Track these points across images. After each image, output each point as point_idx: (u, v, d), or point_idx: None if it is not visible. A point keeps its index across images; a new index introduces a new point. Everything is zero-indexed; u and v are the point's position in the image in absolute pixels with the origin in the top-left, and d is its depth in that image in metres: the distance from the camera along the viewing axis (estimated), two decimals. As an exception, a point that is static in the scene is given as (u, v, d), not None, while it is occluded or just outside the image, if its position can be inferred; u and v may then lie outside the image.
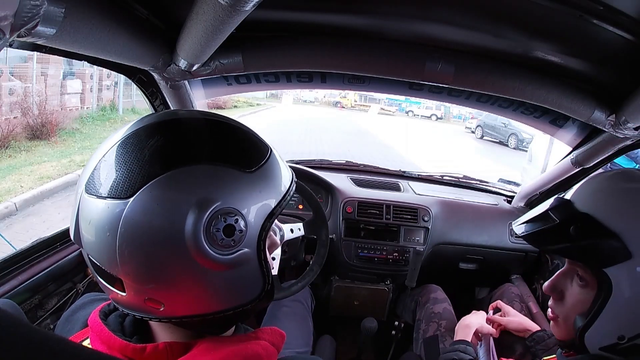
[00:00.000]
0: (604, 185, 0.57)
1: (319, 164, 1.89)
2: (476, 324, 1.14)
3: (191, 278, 0.40)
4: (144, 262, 0.39)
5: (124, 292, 0.41)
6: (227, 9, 0.54)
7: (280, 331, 0.48)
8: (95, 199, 0.40)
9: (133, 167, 0.39)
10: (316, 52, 0.95)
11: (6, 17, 0.38)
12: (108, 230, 0.39)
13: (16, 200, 3.97)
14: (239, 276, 0.43)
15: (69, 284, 0.97)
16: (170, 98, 1.06)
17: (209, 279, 0.41)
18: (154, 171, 0.39)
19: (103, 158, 0.41)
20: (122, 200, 0.38)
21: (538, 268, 1.60)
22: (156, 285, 0.40)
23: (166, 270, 0.40)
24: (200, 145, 0.42)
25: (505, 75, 0.94)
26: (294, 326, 1.20)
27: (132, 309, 0.42)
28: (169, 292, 0.40)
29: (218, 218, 0.40)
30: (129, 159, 0.40)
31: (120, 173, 0.39)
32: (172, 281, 0.40)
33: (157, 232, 0.38)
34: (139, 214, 0.38)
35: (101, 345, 0.42)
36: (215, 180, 0.41)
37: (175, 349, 0.41)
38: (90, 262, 0.42)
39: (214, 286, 0.41)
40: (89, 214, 0.40)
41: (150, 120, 0.44)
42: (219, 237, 0.40)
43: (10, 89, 6.25)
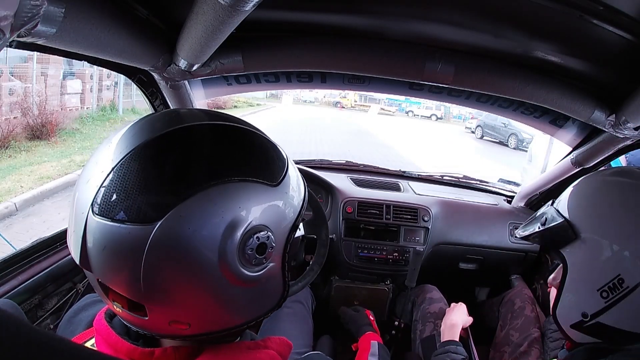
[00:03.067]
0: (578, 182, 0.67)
1: (319, 164, 1.89)
2: (461, 321, 1.16)
3: (220, 297, 0.39)
4: (174, 287, 0.37)
5: (146, 316, 0.38)
6: (227, 9, 0.54)
7: (287, 341, 0.48)
8: (110, 222, 0.35)
9: (155, 188, 0.36)
10: (316, 52, 0.95)
11: (6, 17, 0.38)
12: (130, 257, 0.35)
13: (16, 200, 3.97)
14: (265, 289, 0.43)
15: (69, 284, 0.97)
16: (170, 98, 1.06)
17: (237, 295, 0.40)
18: (181, 192, 0.36)
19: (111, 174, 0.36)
20: (146, 226, 0.35)
21: (538, 268, 1.60)
22: (184, 308, 0.38)
23: (196, 292, 0.38)
24: (226, 160, 0.39)
25: (505, 75, 0.94)
26: (295, 327, 1.20)
27: (153, 331, 0.41)
28: (196, 312, 0.39)
29: (251, 237, 0.38)
30: (148, 177, 0.36)
31: (140, 195, 0.36)
32: (201, 301, 0.38)
33: (189, 257, 0.36)
34: (168, 239, 0.35)
35: (108, 348, 0.42)
36: (246, 197, 0.38)
37: (182, 354, 0.41)
38: (103, 287, 0.39)
39: (242, 301, 0.41)
40: (102, 239, 0.36)
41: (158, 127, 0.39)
42: (252, 257, 0.39)
43: (10, 89, 6.25)
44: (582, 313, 0.58)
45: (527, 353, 1.13)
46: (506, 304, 1.35)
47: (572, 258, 0.60)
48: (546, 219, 0.64)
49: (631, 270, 0.53)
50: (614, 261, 0.55)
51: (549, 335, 1.12)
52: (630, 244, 0.54)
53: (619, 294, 0.54)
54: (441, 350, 1.06)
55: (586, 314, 0.57)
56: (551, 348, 1.09)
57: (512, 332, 1.23)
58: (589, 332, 0.58)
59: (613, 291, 0.54)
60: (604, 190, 0.62)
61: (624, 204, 0.57)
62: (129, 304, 0.38)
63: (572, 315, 0.60)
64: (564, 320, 0.62)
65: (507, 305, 1.35)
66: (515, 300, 1.33)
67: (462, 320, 1.17)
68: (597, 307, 0.56)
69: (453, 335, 1.12)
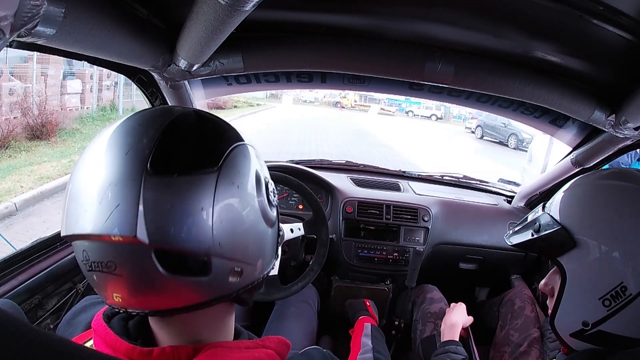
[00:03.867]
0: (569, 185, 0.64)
1: (319, 164, 1.89)
2: (461, 321, 1.16)
3: (260, 236, 0.45)
4: (237, 228, 0.41)
5: (209, 273, 0.39)
6: (227, 9, 0.54)
7: (286, 341, 0.49)
8: (176, 177, 0.38)
9: (211, 141, 0.42)
10: (316, 52, 0.95)
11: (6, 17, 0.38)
12: (202, 202, 0.38)
13: (16, 200, 3.97)
14: (274, 233, 0.48)
15: (68, 284, 0.97)
16: (170, 98, 1.06)
17: (266, 235, 0.46)
18: (225, 146, 0.42)
19: (160, 139, 0.39)
20: (212, 173, 0.39)
21: (538, 268, 1.60)
22: (242, 250, 0.42)
23: (250, 231, 0.43)
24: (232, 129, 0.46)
25: (505, 75, 0.94)
26: (300, 327, 1.20)
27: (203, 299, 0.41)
28: (248, 255, 0.43)
29: (268, 183, 0.47)
30: (202, 135, 0.43)
31: (201, 147, 0.41)
32: (252, 241, 0.43)
33: (244, 193, 0.42)
34: (229, 179, 0.41)
35: (106, 348, 0.42)
36: (254, 155, 0.46)
37: (181, 353, 0.41)
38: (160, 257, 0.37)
39: (268, 242, 0.46)
40: (169, 195, 0.37)
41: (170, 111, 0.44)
42: (272, 197, 0.47)
43: (10, 89, 6.26)
44: (583, 322, 0.56)
45: (527, 353, 1.13)
46: (506, 304, 1.35)
47: (571, 267, 0.57)
48: (540, 226, 0.61)
49: (634, 278, 0.52)
50: (615, 269, 0.53)
51: (547, 336, 1.12)
52: (633, 250, 0.52)
53: (622, 302, 0.52)
54: (441, 350, 1.06)
55: (587, 323, 0.55)
56: (550, 348, 1.08)
57: (512, 332, 1.23)
58: (589, 340, 0.56)
59: (615, 299, 0.52)
60: (601, 194, 0.59)
61: (623, 208, 0.55)
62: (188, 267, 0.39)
63: (571, 325, 0.58)
64: (563, 329, 0.60)
65: (507, 305, 1.35)
66: (515, 300, 1.33)
67: (462, 320, 1.17)
68: (599, 316, 0.54)
69: (453, 335, 1.12)
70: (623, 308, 0.52)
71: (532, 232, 0.63)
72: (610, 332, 0.54)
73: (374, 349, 0.99)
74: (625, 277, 0.52)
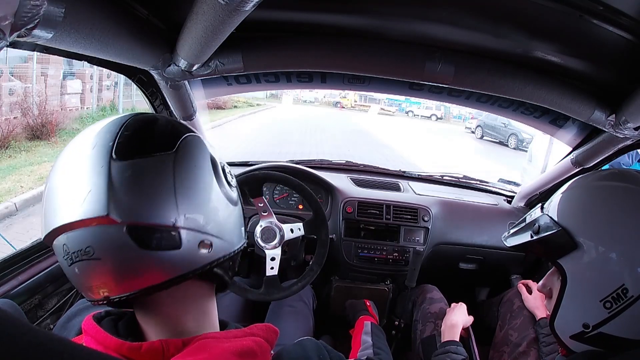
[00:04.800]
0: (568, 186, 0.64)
1: (319, 164, 1.89)
2: (461, 322, 1.16)
3: (226, 213, 0.48)
4: (198, 199, 0.45)
5: (179, 246, 0.43)
6: (227, 9, 0.54)
7: (274, 328, 0.50)
8: (139, 159, 0.43)
9: (167, 129, 0.47)
10: (316, 52, 0.95)
11: (6, 17, 0.38)
12: (164, 181, 0.43)
13: (16, 200, 3.97)
14: (239, 212, 0.52)
15: (68, 284, 0.97)
16: (170, 98, 1.06)
17: (231, 213, 0.50)
18: (179, 134, 0.47)
19: (122, 131, 0.44)
20: (170, 152, 0.44)
21: (538, 268, 1.61)
22: (208, 221, 0.45)
23: (214, 206, 0.46)
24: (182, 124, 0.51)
25: (505, 76, 0.94)
26: (296, 325, 1.20)
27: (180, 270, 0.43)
28: (215, 227, 0.46)
29: (223, 166, 0.51)
30: (157, 124, 0.48)
31: (159, 133, 0.46)
32: (215, 214, 0.46)
33: (203, 172, 0.46)
34: (186, 160, 0.45)
35: (97, 345, 0.42)
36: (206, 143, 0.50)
37: (171, 347, 0.42)
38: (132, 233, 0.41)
39: (233, 220, 0.50)
40: (134, 176, 0.42)
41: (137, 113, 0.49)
42: (230, 178, 0.51)
43: (10, 89, 6.26)
44: (583, 324, 0.55)
45: (526, 353, 1.13)
46: (505, 304, 1.35)
47: (572, 268, 0.56)
48: (539, 227, 0.61)
49: (635, 280, 0.51)
50: (616, 270, 0.52)
51: (541, 340, 1.11)
52: (633, 252, 0.52)
53: (623, 304, 0.52)
54: (441, 351, 1.06)
55: (588, 325, 0.55)
56: (545, 353, 1.07)
57: (511, 332, 1.23)
58: (590, 342, 0.56)
59: (617, 301, 0.52)
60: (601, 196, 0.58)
61: (623, 209, 0.55)
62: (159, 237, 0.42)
63: (571, 326, 0.57)
64: (563, 331, 0.59)
65: (506, 305, 1.35)
66: (514, 300, 1.33)
67: (462, 320, 1.17)
68: (600, 318, 0.54)
69: (453, 335, 1.12)
70: (624, 310, 0.52)
71: (531, 234, 0.62)
72: (611, 334, 0.53)
73: (374, 345, 1.00)
74: (626, 279, 0.52)
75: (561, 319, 0.59)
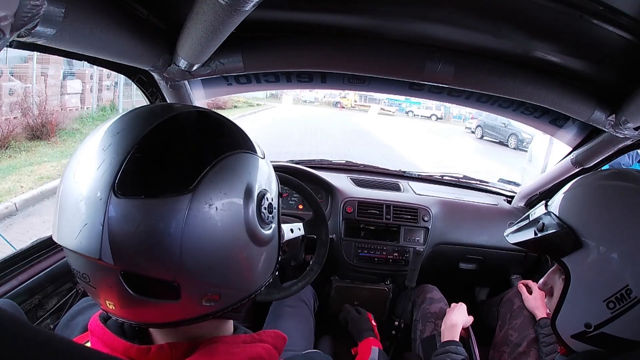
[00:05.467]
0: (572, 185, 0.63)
1: (319, 164, 1.89)
2: (461, 322, 1.16)
3: (246, 257, 0.42)
4: (210, 253, 0.38)
5: (178, 298, 0.38)
6: (227, 9, 0.54)
7: (282, 334, 0.49)
8: (143, 199, 0.35)
9: (187, 158, 0.38)
10: (316, 52, 0.95)
11: (6, 17, 0.38)
12: (170, 228, 0.36)
13: (16, 200, 3.97)
14: (271, 251, 0.46)
15: (68, 284, 0.97)
16: (170, 98, 1.06)
17: (256, 255, 0.43)
18: (209, 160, 0.39)
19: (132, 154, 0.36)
20: (184, 195, 0.36)
21: (538, 268, 1.61)
22: (217, 277, 0.40)
23: (229, 257, 0.40)
24: (231, 135, 0.44)
25: (505, 76, 0.94)
26: (297, 327, 1.20)
27: (177, 318, 0.41)
28: (227, 280, 0.41)
29: (262, 198, 0.43)
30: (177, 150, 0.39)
31: (173, 166, 0.38)
32: (232, 264, 0.41)
33: (223, 218, 0.38)
34: (204, 203, 0.37)
35: (104, 347, 0.42)
36: (252, 165, 0.43)
37: (179, 350, 0.41)
38: (127, 279, 0.37)
39: (258, 263, 0.44)
40: (134, 219, 0.35)
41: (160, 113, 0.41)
42: (265, 215, 0.43)
43: (10, 89, 6.25)
44: (585, 324, 0.55)
45: (526, 353, 1.13)
46: (505, 304, 1.35)
47: (576, 268, 0.56)
48: (544, 225, 0.60)
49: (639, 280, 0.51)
50: (620, 271, 0.52)
51: (541, 340, 1.11)
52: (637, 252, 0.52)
53: (626, 305, 0.52)
54: (441, 351, 1.06)
55: (590, 325, 0.55)
56: (545, 353, 1.07)
57: (511, 332, 1.23)
58: (591, 342, 0.56)
59: (620, 302, 0.52)
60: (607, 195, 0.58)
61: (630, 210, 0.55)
62: (157, 290, 0.38)
63: (573, 326, 0.57)
64: (565, 330, 0.59)
65: (506, 305, 1.35)
66: (514, 300, 1.33)
67: (462, 320, 1.17)
68: (602, 318, 0.53)
69: (453, 335, 1.12)
70: (627, 311, 0.52)
71: (535, 231, 0.61)
72: (613, 335, 0.53)
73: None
74: (630, 280, 0.52)
75: (563, 317, 0.59)
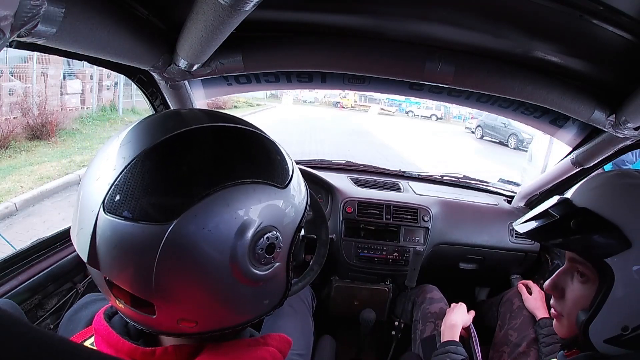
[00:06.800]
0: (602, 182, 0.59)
1: (319, 164, 1.89)
2: (461, 322, 1.16)
3: (230, 295, 0.40)
4: (184, 286, 0.38)
5: (154, 314, 0.39)
6: (227, 9, 0.54)
7: (287, 338, 0.49)
8: (123, 221, 0.36)
9: (172, 187, 0.37)
10: (316, 52, 0.95)
11: (6, 17, 0.38)
12: (143, 255, 0.36)
13: (16, 200, 3.97)
14: (270, 287, 0.44)
15: (69, 284, 0.97)
16: (170, 98, 1.05)
17: (245, 293, 0.41)
18: (197, 192, 0.36)
19: (124, 172, 0.37)
20: (161, 225, 0.35)
21: (538, 268, 1.60)
22: (193, 306, 0.39)
23: (207, 290, 0.38)
24: (237, 162, 0.40)
25: (505, 76, 0.94)
26: (295, 326, 1.20)
27: (159, 329, 0.41)
28: (205, 310, 0.40)
29: (261, 237, 0.39)
30: (165, 177, 0.37)
31: (156, 194, 0.36)
32: (211, 300, 0.39)
33: (203, 256, 0.37)
34: (182, 238, 0.36)
35: (108, 348, 0.42)
36: (257, 198, 0.39)
37: (184, 352, 0.41)
38: (110, 285, 0.39)
39: (248, 299, 0.42)
40: (114, 237, 0.36)
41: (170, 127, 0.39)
42: (262, 256, 0.40)
43: (10, 89, 6.25)
44: (623, 327, 0.52)
45: (525, 354, 1.13)
46: (505, 304, 1.35)
47: (623, 269, 0.51)
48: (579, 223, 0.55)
49: None
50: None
51: (541, 341, 1.11)
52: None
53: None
54: (441, 351, 1.06)
55: (627, 327, 0.52)
56: (545, 353, 1.07)
57: (511, 332, 1.23)
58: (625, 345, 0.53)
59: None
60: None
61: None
62: (136, 302, 0.39)
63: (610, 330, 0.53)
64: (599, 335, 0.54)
65: (506, 305, 1.35)
66: (513, 299, 1.33)
67: (462, 320, 1.18)
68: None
69: (453, 335, 1.12)
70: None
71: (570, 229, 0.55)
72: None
73: None
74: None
75: (600, 323, 0.54)
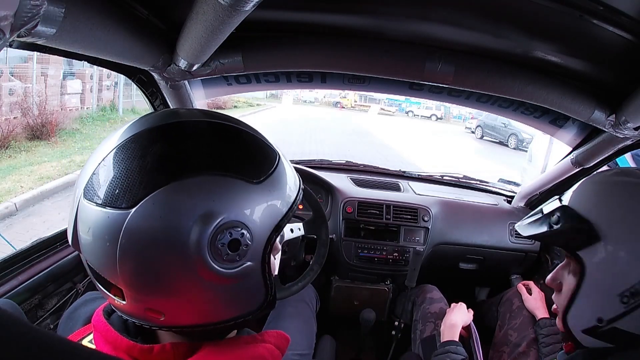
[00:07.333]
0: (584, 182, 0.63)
1: (319, 164, 1.89)
2: (461, 321, 1.16)
3: (193, 290, 0.39)
4: (145, 274, 0.38)
5: (124, 300, 0.40)
6: (227, 9, 0.54)
7: (285, 335, 0.49)
8: (95, 206, 0.38)
9: (134, 176, 0.38)
10: (316, 52, 0.95)
11: (6, 17, 0.38)
12: (108, 239, 0.38)
13: (16, 200, 3.97)
14: (242, 288, 0.42)
15: (69, 284, 0.97)
16: (170, 98, 1.06)
17: (211, 291, 0.40)
18: (157, 181, 0.38)
19: (102, 162, 0.40)
20: (122, 211, 0.37)
21: (538, 268, 1.61)
22: (157, 296, 0.40)
23: (167, 282, 0.39)
24: (206, 154, 0.40)
25: (505, 76, 0.94)
26: (298, 327, 1.19)
27: (132, 316, 0.42)
28: (169, 302, 0.40)
29: (223, 232, 0.38)
30: (130, 166, 0.38)
31: (120, 181, 0.38)
32: (173, 293, 0.39)
33: (160, 245, 0.37)
34: (141, 225, 0.37)
35: (106, 345, 0.42)
36: (221, 191, 0.39)
37: (182, 350, 0.41)
38: (89, 268, 0.41)
39: (216, 298, 0.41)
40: (87, 220, 0.39)
41: (151, 122, 0.42)
42: (223, 252, 0.39)
43: (10, 89, 6.25)
44: (598, 318, 0.54)
45: (525, 354, 1.13)
46: (505, 304, 1.35)
47: (592, 261, 0.55)
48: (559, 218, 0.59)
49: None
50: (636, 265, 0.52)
51: (541, 341, 1.11)
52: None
53: None
54: (441, 351, 1.06)
55: (602, 319, 0.54)
56: (544, 353, 1.07)
57: (511, 332, 1.23)
58: (602, 337, 0.55)
59: (634, 296, 0.51)
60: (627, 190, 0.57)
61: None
62: (108, 285, 0.40)
63: (585, 320, 0.56)
64: (576, 324, 0.58)
65: (506, 304, 1.35)
66: (513, 299, 1.33)
67: (462, 320, 1.18)
68: (615, 313, 0.53)
69: (453, 335, 1.12)
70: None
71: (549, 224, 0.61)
72: (625, 330, 0.53)
73: None
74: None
75: (575, 311, 0.58)
